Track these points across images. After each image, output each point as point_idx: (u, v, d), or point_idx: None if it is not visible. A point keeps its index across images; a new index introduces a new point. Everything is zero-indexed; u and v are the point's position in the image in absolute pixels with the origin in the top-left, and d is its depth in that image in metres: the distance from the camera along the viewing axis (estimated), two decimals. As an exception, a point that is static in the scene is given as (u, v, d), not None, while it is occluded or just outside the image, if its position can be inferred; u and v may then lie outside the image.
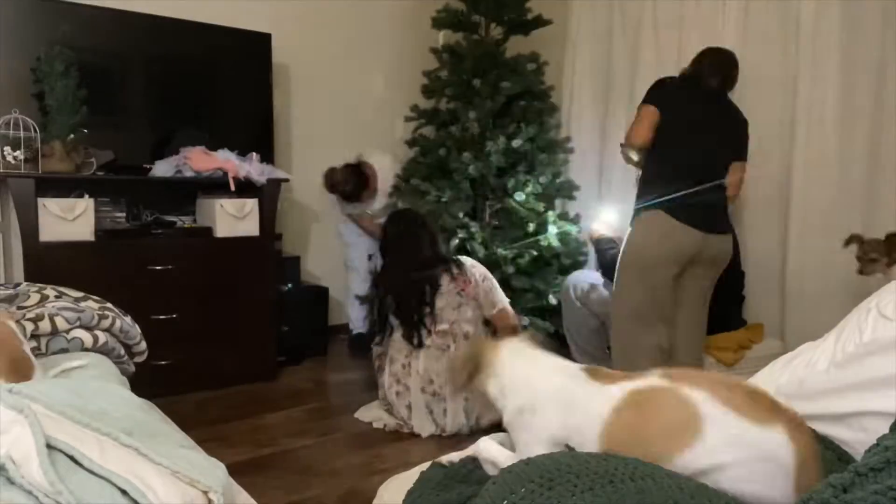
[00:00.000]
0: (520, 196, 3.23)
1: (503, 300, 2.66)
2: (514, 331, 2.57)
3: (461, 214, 3.21)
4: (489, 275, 2.67)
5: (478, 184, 3.30)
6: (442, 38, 3.70)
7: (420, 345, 2.49)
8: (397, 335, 2.56)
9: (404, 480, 1.04)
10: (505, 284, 2.97)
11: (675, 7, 3.30)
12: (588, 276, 3.00)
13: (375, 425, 2.55)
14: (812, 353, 1.21)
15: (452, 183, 3.25)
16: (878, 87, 2.63)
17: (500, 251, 3.15)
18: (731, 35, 3.04)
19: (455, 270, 2.57)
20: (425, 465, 1.06)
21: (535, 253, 3.21)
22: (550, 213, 3.30)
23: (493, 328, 2.60)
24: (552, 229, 3.22)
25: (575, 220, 3.36)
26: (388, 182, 3.51)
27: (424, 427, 2.45)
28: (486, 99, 3.24)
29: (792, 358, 1.28)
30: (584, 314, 2.87)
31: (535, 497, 0.69)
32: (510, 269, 3.11)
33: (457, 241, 3.12)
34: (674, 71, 3.33)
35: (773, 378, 1.26)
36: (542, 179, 3.27)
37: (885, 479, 0.59)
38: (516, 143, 3.21)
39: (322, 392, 3.03)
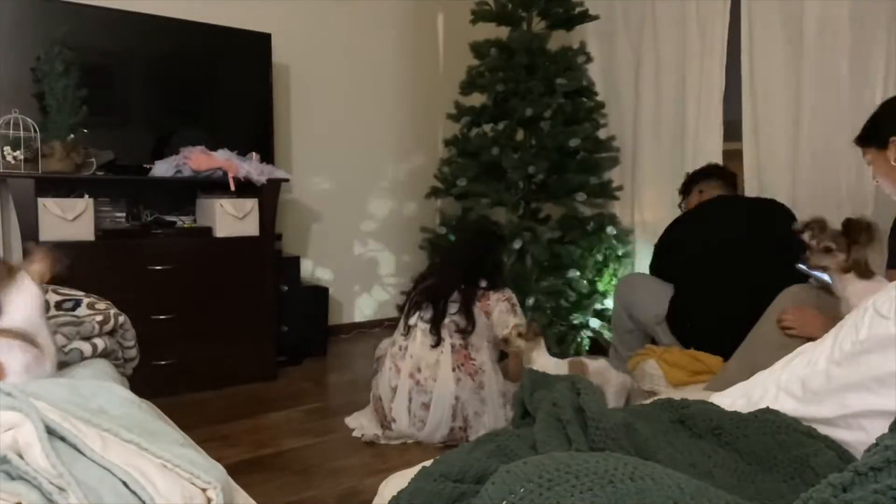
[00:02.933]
0: (581, 197, 3.15)
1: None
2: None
3: (515, 217, 3.17)
4: (513, 297, 2.57)
5: (529, 185, 3.21)
6: (442, 31, 3.64)
7: (438, 343, 2.41)
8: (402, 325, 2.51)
9: (405, 478, 1.04)
10: (569, 287, 2.98)
11: (676, 7, 3.30)
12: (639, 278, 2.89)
13: (355, 434, 2.48)
14: (812, 353, 1.21)
15: (506, 184, 3.16)
16: (884, 87, 2.63)
17: (564, 256, 3.08)
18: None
19: (494, 294, 2.48)
20: (427, 462, 1.06)
21: (599, 257, 3.16)
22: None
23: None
24: (610, 230, 3.18)
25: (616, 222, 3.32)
26: None
27: (401, 416, 2.36)
28: (541, 96, 3.13)
29: (792, 357, 1.28)
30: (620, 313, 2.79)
31: (535, 497, 0.69)
32: (575, 273, 3.05)
33: (519, 245, 3.02)
34: (676, 72, 3.35)
35: (774, 377, 1.26)
36: (593, 180, 3.20)
37: (884, 478, 0.59)
38: (574, 141, 3.11)
39: (322, 392, 3.03)
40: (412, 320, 2.48)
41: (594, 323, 2.99)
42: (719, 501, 0.70)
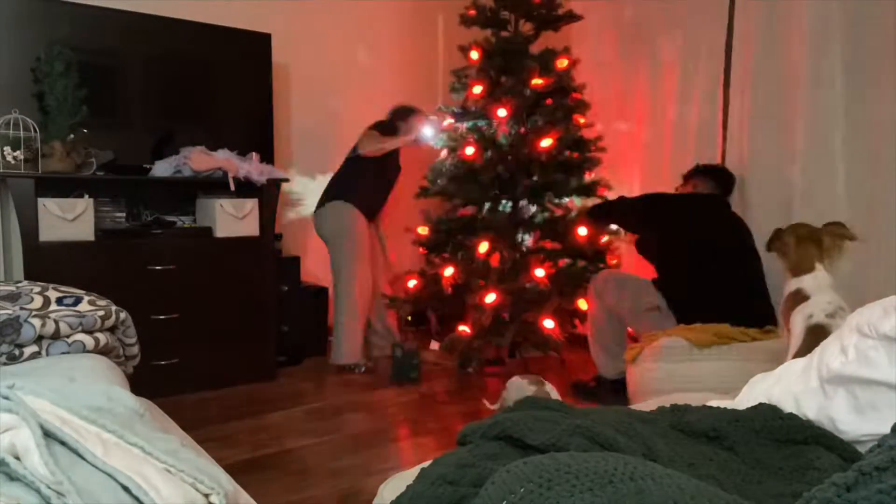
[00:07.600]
0: (563, 199, 3.18)
1: None
2: None
3: (484, 211, 3.19)
4: None
5: (508, 185, 3.22)
6: (442, 31, 3.63)
7: None
8: None
9: (405, 479, 1.04)
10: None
11: (675, 7, 3.29)
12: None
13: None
14: (806, 368, 1.20)
15: (480, 185, 3.19)
16: (881, 88, 2.62)
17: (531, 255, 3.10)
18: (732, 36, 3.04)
19: None
20: (426, 464, 1.05)
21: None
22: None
23: None
24: (582, 231, 3.15)
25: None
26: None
27: None
28: (514, 96, 3.15)
29: (782, 371, 1.28)
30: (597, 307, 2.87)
31: (535, 497, 0.68)
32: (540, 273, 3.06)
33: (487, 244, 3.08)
34: (676, 71, 3.35)
35: (766, 390, 1.25)
36: (574, 182, 3.19)
37: (889, 478, 0.59)
38: (546, 142, 3.12)
39: (322, 392, 3.03)
40: None
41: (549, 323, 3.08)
42: (719, 501, 0.69)
